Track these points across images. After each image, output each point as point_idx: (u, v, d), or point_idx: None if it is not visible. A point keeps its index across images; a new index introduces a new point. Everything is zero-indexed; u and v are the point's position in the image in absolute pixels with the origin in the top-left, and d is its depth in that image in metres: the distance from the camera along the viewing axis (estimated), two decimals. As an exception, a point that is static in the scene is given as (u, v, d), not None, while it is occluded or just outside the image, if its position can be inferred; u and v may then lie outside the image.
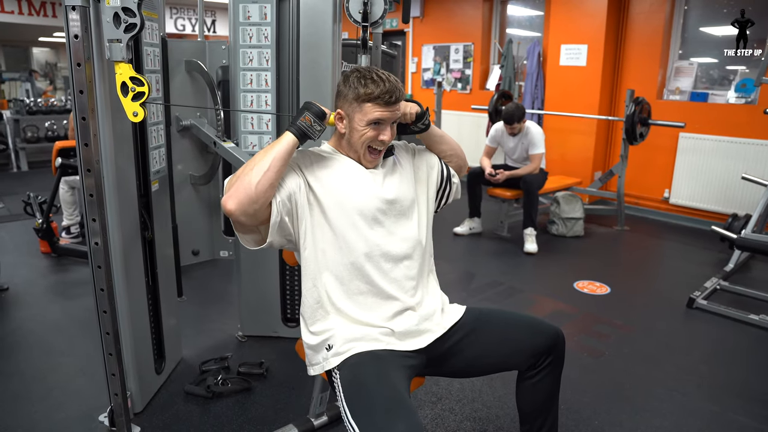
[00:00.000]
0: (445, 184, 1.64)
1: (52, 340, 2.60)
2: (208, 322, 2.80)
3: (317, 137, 1.39)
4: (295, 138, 1.35)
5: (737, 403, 2.18)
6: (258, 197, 1.27)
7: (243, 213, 1.28)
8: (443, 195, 1.66)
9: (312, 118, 1.36)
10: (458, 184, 1.69)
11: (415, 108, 1.53)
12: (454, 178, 1.67)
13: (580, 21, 5.24)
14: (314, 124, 1.36)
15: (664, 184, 5.03)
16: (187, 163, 2.43)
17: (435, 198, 1.63)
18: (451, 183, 1.66)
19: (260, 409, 2.08)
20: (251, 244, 1.40)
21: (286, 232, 1.37)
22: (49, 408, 2.07)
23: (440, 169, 1.63)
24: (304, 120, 1.35)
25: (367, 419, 1.14)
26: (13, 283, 3.22)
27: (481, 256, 4.11)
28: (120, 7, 1.47)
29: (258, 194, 1.27)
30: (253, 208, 1.28)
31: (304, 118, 1.35)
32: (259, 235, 1.38)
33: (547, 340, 1.50)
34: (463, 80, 6.86)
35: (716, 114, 4.65)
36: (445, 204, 1.69)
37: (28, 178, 6.45)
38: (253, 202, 1.27)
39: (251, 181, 1.27)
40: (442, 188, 1.64)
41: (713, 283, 3.32)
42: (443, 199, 1.67)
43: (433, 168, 1.62)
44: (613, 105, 5.36)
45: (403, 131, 1.60)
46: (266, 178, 1.28)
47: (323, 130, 1.39)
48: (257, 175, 1.27)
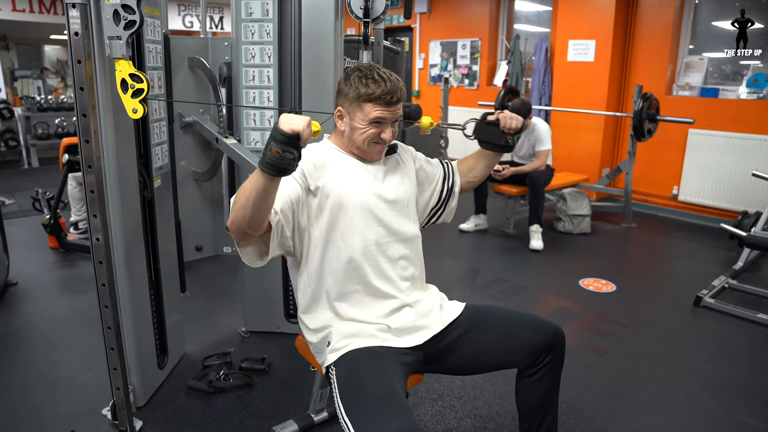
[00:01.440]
0: (441, 204, 1.66)
1: (58, 335, 2.63)
2: (213, 318, 2.82)
3: (295, 166, 1.15)
4: (268, 176, 1.13)
5: (743, 403, 2.16)
6: (251, 229, 1.23)
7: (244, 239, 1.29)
8: (434, 214, 1.67)
9: (279, 149, 1.10)
10: (454, 208, 1.70)
11: (521, 123, 1.55)
12: (452, 202, 1.67)
13: (588, 16, 5.19)
14: (285, 153, 1.10)
15: (673, 180, 4.97)
16: (191, 159, 2.45)
17: (427, 214, 1.65)
18: (447, 206, 1.67)
19: (261, 404, 2.09)
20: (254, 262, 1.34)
21: (284, 242, 1.35)
22: (55, 401, 2.09)
23: (439, 189, 1.64)
24: (272, 154, 1.11)
25: (361, 415, 1.14)
26: (22, 278, 3.26)
27: (487, 253, 4.09)
28: (119, 4, 1.48)
29: (250, 227, 1.22)
30: (253, 234, 1.27)
31: (270, 151, 1.11)
32: (257, 246, 1.34)
33: (547, 338, 1.49)
34: (470, 76, 6.83)
35: (727, 110, 4.59)
36: (432, 223, 1.70)
37: (38, 174, 6.52)
38: (249, 235, 1.26)
39: (241, 219, 1.21)
40: (437, 206, 1.66)
41: (721, 281, 3.28)
42: (433, 217, 1.68)
43: (431, 183, 1.63)
44: (621, 101, 5.31)
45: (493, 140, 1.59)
46: (252, 217, 1.20)
47: (297, 157, 1.13)
48: (244, 215, 1.20)
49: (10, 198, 5.21)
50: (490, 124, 1.58)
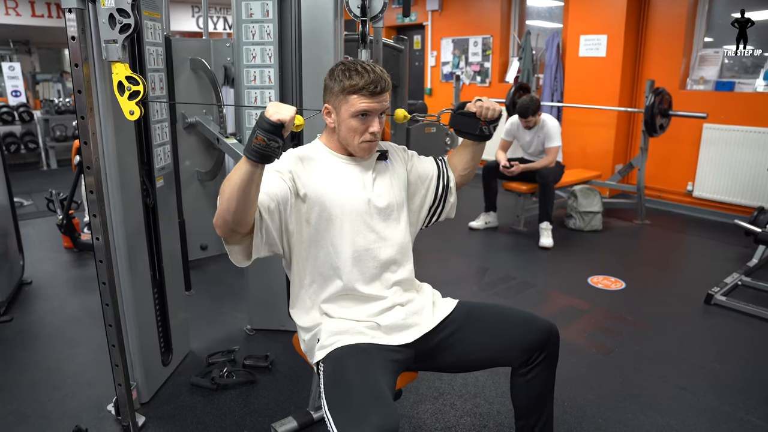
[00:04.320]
0: (439, 202, 1.64)
1: (69, 332, 2.69)
2: (219, 316, 2.85)
3: (279, 155, 1.19)
4: (252, 163, 1.16)
5: (751, 403, 2.11)
6: (237, 224, 1.24)
7: (230, 236, 1.29)
8: (435, 212, 1.65)
9: (264, 137, 1.14)
10: (454, 203, 1.68)
11: (499, 110, 1.53)
12: (450, 198, 1.66)
13: (600, 10, 5.12)
14: (269, 141, 1.14)
15: (688, 176, 4.89)
16: (194, 159, 2.48)
17: (426, 213, 1.63)
18: (446, 202, 1.65)
19: (263, 401, 2.11)
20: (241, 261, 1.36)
21: (271, 242, 1.36)
22: (63, 397, 2.15)
23: (434, 186, 1.62)
24: (257, 142, 1.14)
25: (342, 411, 1.14)
26: (36, 277, 3.34)
27: (496, 251, 4.07)
28: (114, 9, 1.51)
29: (235, 222, 1.23)
30: (239, 231, 1.27)
31: (255, 140, 1.15)
32: (245, 246, 1.35)
33: (541, 335, 1.48)
34: (482, 73, 6.79)
35: (743, 103, 4.49)
36: (435, 221, 1.68)
37: (57, 175, 6.66)
38: (233, 230, 1.26)
39: (226, 211, 1.22)
40: (435, 205, 1.64)
41: (734, 278, 3.22)
42: (434, 216, 1.66)
43: (425, 180, 1.62)
44: (633, 96, 5.23)
45: (469, 129, 1.57)
46: (237, 209, 1.21)
47: (281, 145, 1.18)
48: (230, 207, 1.21)
49: (29, 199, 5.33)
50: (464, 114, 1.55)
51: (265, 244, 1.33)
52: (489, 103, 1.51)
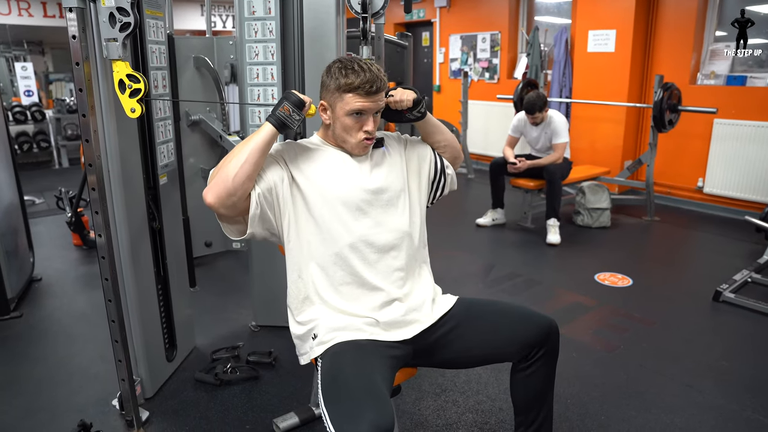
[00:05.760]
0: (439, 176, 1.63)
1: (77, 328, 2.73)
2: (224, 312, 2.87)
3: (296, 126, 1.40)
4: (273, 128, 1.35)
5: (757, 401, 2.09)
6: (235, 190, 1.30)
7: (222, 205, 1.31)
8: (437, 187, 1.64)
9: (290, 108, 1.36)
10: (453, 175, 1.68)
11: (412, 95, 1.50)
12: (448, 170, 1.65)
13: (609, 5, 5.07)
14: (293, 113, 1.36)
15: (698, 172, 4.82)
16: (198, 156, 2.50)
17: (428, 190, 1.62)
18: (446, 175, 1.65)
19: (266, 396, 2.12)
20: (235, 234, 1.42)
21: (268, 224, 1.39)
22: (70, 392, 2.18)
23: (434, 160, 1.62)
24: (283, 110, 1.36)
25: (338, 407, 1.15)
26: (46, 274, 3.39)
27: (503, 248, 4.05)
28: (114, 7, 1.52)
29: (235, 187, 1.29)
30: (231, 201, 1.30)
31: (282, 108, 1.36)
32: (243, 225, 1.40)
33: (540, 331, 1.47)
34: (490, 69, 6.75)
35: (754, 98, 4.42)
36: (440, 196, 1.67)
37: (68, 174, 6.74)
38: (230, 194, 1.30)
39: (228, 174, 1.30)
40: (436, 180, 1.63)
41: (744, 275, 3.17)
42: (438, 191, 1.65)
43: (425, 159, 1.61)
44: (643, 92, 5.17)
45: (398, 119, 1.57)
46: (243, 171, 1.30)
47: (302, 119, 1.39)
48: (234, 168, 1.30)
49: (40, 197, 5.41)
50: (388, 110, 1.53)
51: (261, 220, 1.37)
52: (398, 96, 1.48)
